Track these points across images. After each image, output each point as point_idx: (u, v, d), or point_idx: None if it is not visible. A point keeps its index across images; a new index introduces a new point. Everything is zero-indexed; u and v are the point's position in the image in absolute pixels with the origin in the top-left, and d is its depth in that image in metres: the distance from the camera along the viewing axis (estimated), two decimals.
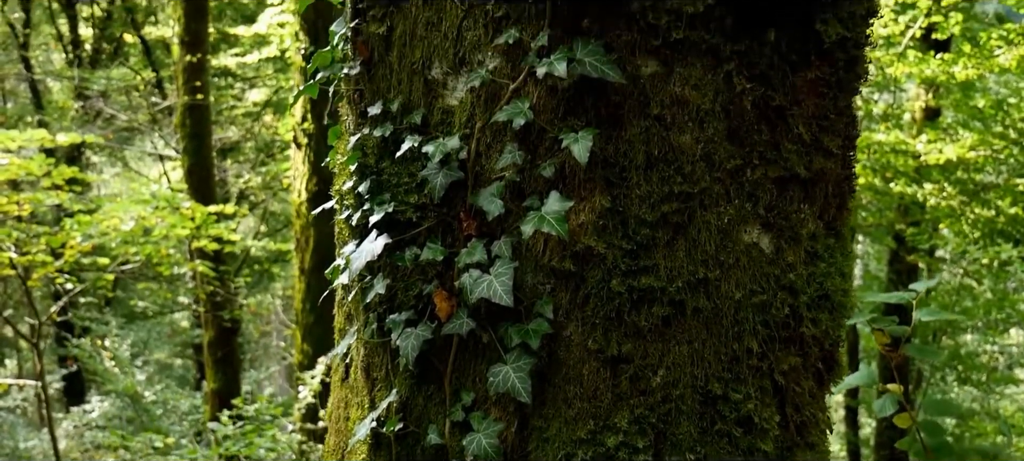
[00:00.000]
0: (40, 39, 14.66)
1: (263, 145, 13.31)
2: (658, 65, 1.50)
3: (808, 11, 1.54)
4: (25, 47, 13.45)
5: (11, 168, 8.47)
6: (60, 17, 14.04)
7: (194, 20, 9.88)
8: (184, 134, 10.14)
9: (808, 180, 1.61)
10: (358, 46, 1.68)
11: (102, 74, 12.56)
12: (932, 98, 8.97)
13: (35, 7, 14.19)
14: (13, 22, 13.72)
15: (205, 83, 10.11)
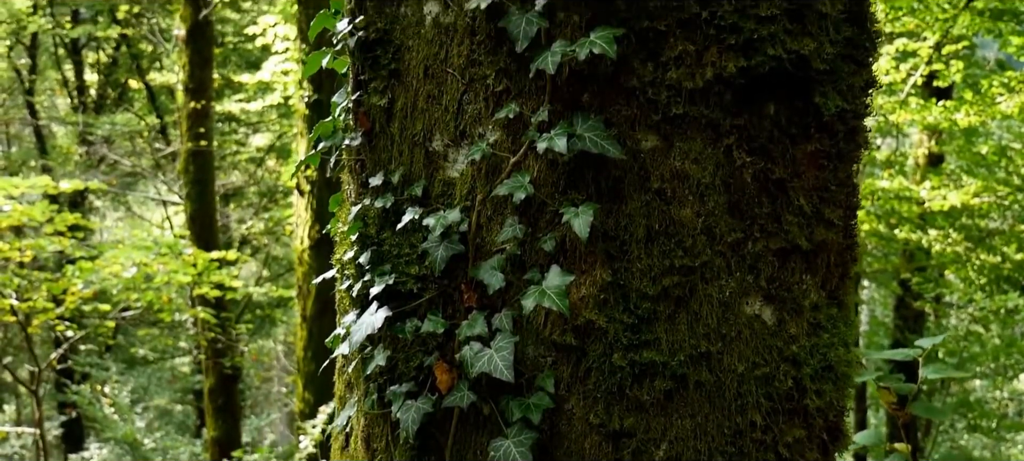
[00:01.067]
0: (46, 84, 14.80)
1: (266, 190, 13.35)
2: (658, 139, 1.50)
3: (807, 84, 1.54)
4: (31, 92, 13.57)
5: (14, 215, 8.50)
6: (66, 63, 14.19)
7: (199, 67, 9.97)
8: (187, 180, 10.18)
9: (810, 251, 1.60)
10: (360, 117, 1.68)
11: (106, 119, 12.65)
12: (935, 145, 9.00)
13: (41, 53, 14.34)
14: (19, 68, 13.86)
15: (209, 129, 10.17)
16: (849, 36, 1.58)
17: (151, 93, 13.04)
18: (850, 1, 1.60)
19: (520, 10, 1.49)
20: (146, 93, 13.14)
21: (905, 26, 7.15)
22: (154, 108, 13.03)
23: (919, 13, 6.45)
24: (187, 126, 9.99)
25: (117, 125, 12.38)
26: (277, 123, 13.15)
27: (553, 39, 1.49)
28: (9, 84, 14.11)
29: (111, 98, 13.50)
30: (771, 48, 1.48)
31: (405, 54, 1.63)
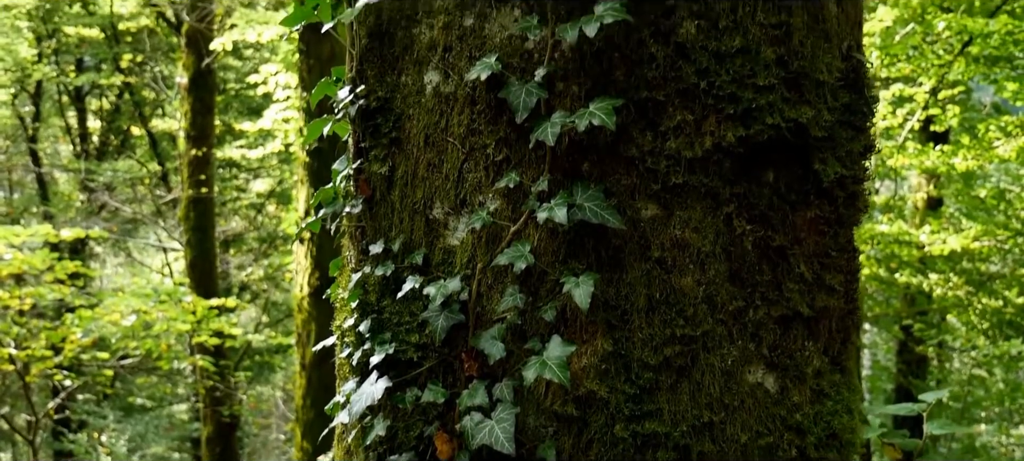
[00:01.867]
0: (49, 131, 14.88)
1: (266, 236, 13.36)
2: (658, 208, 1.50)
3: (806, 151, 1.55)
4: (34, 140, 13.64)
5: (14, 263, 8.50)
6: (69, 110, 14.28)
7: (201, 115, 10.05)
8: (188, 227, 10.20)
9: (812, 318, 1.59)
10: (361, 184, 1.68)
11: (108, 166, 12.70)
12: (933, 188, 9.02)
13: (45, 100, 14.44)
14: (23, 115, 13.95)
15: (210, 176, 10.21)
16: (847, 102, 1.59)
17: (153, 140, 13.11)
18: (847, 68, 1.61)
19: (520, 81, 1.50)
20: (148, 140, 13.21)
21: (901, 71, 7.20)
22: (156, 155, 13.09)
23: (914, 59, 6.51)
24: (188, 173, 10.03)
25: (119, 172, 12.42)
26: (278, 168, 13.20)
27: (553, 109, 1.50)
28: (12, 131, 14.18)
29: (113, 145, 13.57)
30: (769, 117, 1.49)
31: (406, 122, 1.63)
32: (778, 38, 1.51)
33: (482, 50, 1.54)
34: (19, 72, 12.93)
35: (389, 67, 1.65)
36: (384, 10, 1.65)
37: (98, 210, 12.62)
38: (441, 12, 1.58)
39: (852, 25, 1.66)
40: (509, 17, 1.53)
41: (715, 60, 1.47)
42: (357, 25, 1.68)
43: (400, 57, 1.63)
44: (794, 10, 1.52)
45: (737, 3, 1.49)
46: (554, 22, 1.49)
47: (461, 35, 1.56)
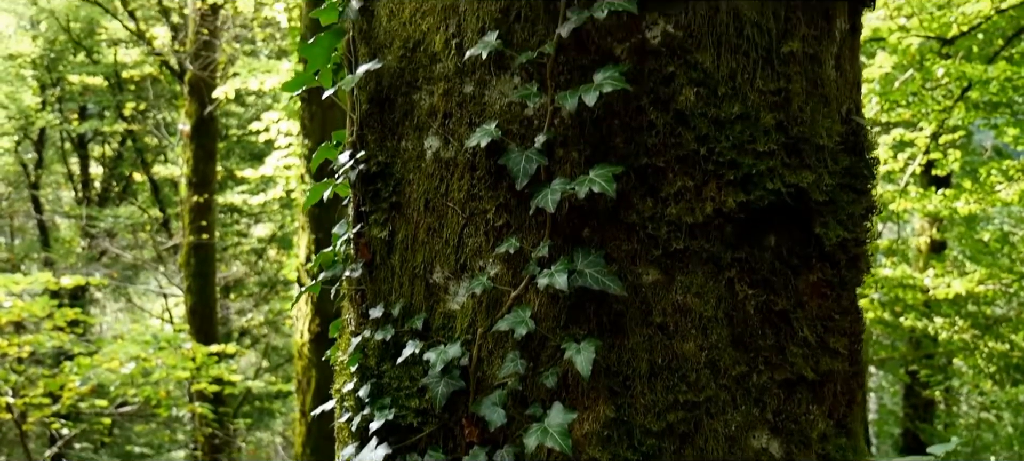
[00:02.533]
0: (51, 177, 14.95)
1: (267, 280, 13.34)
2: (659, 273, 1.50)
3: (807, 216, 1.54)
4: (36, 186, 13.70)
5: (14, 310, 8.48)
6: (72, 156, 14.36)
7: (203, 161, 10.10)
8: (188, 273, 10.19)
9: (816, 381, 1.58)
10: (361, 248, 1.68)
11: (110, 212, 12.73)
12: (936, 232, 9.02)
13: (48, 147, 14.53)
14: (26, 162, 14.02)
15: (211, 222, 10.23)
16: (847, 166, 1.59)
17: (155, 186, 13.16)
18: (847, 131, 1.61)
19: (519, 148, 1.50)
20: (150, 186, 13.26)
21: (901, 116, 7.24)
22: (157, 201, 13.13)
23: (914, 105, 6.55)
24: (189, 219, 10.05)
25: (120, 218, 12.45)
26: (279, 213, 13.23)
27: (553, 175, 1.50)
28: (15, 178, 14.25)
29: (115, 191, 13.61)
30: (770, 182, 1.49)
31: (406, 187, 1.63)
32: (777, 104, 1.51)
33: (482, 116, 1.54)
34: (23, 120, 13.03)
35: (389, 132, 1.65)
36: (385, 76, 1.65)
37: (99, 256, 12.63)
38: (441, 79, 1.59)
39: (851, 88, 1.67)
40: (508, 84, 1.53)
41: (715, 127, 1.48)
42: (358, 91, 1.69)
43: (400, 123, 1.64)
44: (793, 76, 1.53)
45: (736, 70, 1.49)
46: (553, 90, 1.49)
47: (461, 102, 1.57)
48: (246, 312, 13.07)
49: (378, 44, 1.67)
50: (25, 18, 14.09)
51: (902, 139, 7.22)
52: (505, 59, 1.53)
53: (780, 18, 1.53)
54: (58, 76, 13.23)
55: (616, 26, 1.49)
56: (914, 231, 9.61)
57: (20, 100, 13.03)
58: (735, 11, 1.50)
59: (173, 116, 12.88)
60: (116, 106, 12.70)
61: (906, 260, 8.89)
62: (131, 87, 12.85)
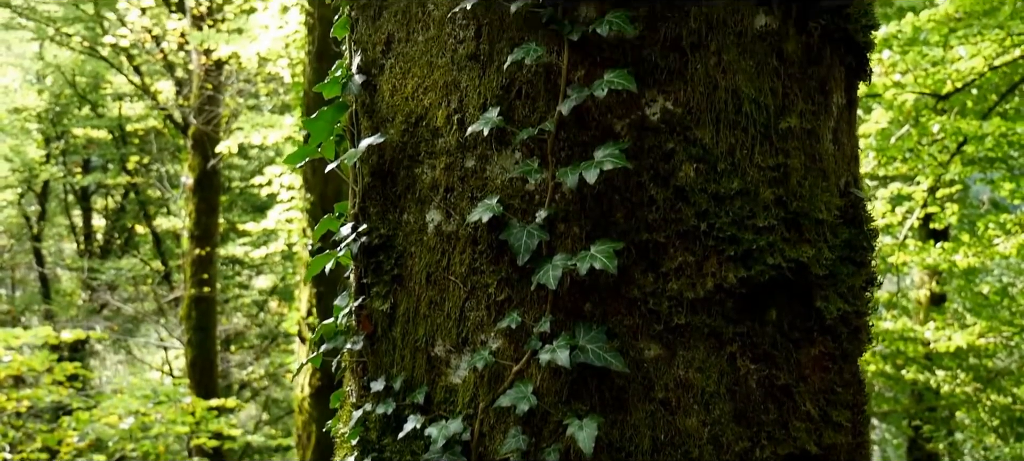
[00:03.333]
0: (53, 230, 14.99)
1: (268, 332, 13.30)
2: (661, 349, 1.50)
3: (808, 289, 1.55)
4: (38, 239, 13.73)
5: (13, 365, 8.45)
6: (74, 209, 14.42)
7: (205, 215, 10.13)
8: (189, 326, 10.17)
9: (819, 455, 1.57)
10: (362, 320, 1.68)
11: (112, 265, 12.74)
12: (936, 285, 9.01)
13: (51, 199, 14.60)
14: (29, 215, 14.08)
15: (213, 275, 10.24)
16: (847, 238, 1.60)
17: (157, 239, 13.19)
18: (846, 204, 1.62)
19: (521, 223, 1.51)
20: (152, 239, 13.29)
21: (898, 170, 7.29)
22: (159, 253, 13.15)
23: (911, 161, 6.59)
24: (191, 272, 10.06)
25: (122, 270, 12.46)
26: (281, 265, 13.23)
27: (554, 250, 1.51)
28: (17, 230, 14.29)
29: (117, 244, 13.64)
30: (770, 257, 1.50)
31: (408, 260, 1.64)
32: (776, 179, 1.53)
33: (483, 191, 1.56)
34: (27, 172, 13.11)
35: (391, 205, 1.67)
36: (387, 150, 1.67)
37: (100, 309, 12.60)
38: (443, 153, 1.61)
39: (848, 160, 1.69)
40: (510, 160, 1.55)
41: (715, 202, 1.49)
42: (360, 164, 1.71)
43: (402, 196, 1.65)
44: (791, 152, 1.55)
45: (735, 146, 1.51)
46: (554, 166, 1.51)
47: (463, 176, 1.59)
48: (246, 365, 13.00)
49: (381, 118, 1.70)
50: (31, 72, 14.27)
51: (900, 193, 7.25)
52: (506, 135, 1.55)
53: (778, 94, 1.56)
54: (63, 129, 13.34)
55: (616, 103, 1.51)
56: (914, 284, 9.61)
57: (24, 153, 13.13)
58: (733, 88, 1.53)
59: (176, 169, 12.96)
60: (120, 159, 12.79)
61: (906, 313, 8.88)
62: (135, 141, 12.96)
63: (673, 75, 1.52)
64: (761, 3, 1.55)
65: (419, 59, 1.64)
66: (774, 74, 1.56)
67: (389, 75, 1.69)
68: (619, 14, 1.48)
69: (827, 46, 1.62)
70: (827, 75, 1.62)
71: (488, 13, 1.57)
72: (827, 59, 1.62)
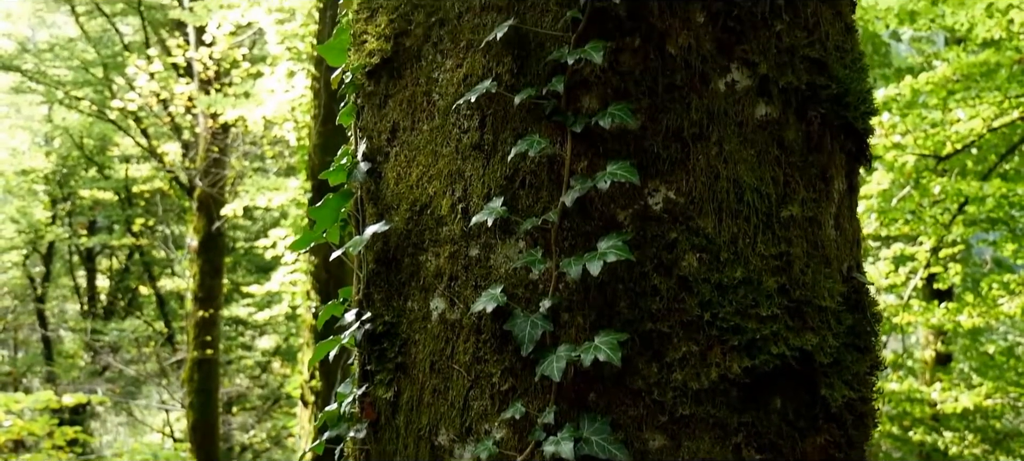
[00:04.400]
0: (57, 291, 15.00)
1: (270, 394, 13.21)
2: (666, 439, 1.49)
3: (812, 377, 1.54)
4: (41, 300, 13.74)
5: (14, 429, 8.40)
6: (79, 269, 14.45)
7: (209, 276, 10.15)
8: (191, 389, 10.11)
9: None
10: (366, 408, 1.68)
11: (115, 326, 12.72)
12: (941, 345, 8.95)
13: (56, 260, 14.63)
14: (33, 276, 14.10)
15: (216, 337, 10.21)
16: (851, 325, 1.60)
17: (161, 300, 13.19)
18: (849, 290, 1.63)
19: (525, 313, 1.51)
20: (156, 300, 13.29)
21: (900, 230, 7.30)
22: (163, 314, 13.14)
23: (913, 223, 6.61)
24: (194, 334, 10.04)
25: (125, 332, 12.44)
26: (284, 325, 13.20)
27: (558, 341, 1.51)
28: (21, 291, 14.30)
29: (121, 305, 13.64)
30: (774, 346, 1.50)
31: (412, 348, 1.64)
32: (779, 268, 1.53)
33: (487, 280, 1.57)
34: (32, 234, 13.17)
35: (396, 292, 1.68)
36: (392, 237, 1.69)
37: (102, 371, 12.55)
38: (447, 241, 1.62)
39: (850, 245, 1.70)
40: (513, 249, 1.56)
41: (718, 292, 1.49)
42: (364, 250, 1.72)
43: (406, 283, 1.66)
44: (793, 240, 1.56)
45: (737, 235, 1.52)
46: (558, 255, 1.52)
47: (467, 264, 1.60)
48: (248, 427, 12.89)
49: (385, 205, 1.71)
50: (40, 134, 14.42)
51: (903, 253, 7.26)
52: (510, 224, 1.56)
53: (779, 183, 1.57)
54: (69, 191, 13.44)
55: (619, 193, 1.53)
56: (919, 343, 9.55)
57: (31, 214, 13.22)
58: (735, 177, 1.54)
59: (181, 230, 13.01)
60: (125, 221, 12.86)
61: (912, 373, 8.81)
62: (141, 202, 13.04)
63: (675, 165, 1.54)
64: (761, 93, 1.58)
65: (424, 148, 1.67)
66: (775, 163, 1.58)
67: (394, 163, 1.71)
68: (621, 107, 1.51)
69: (827, 133, 1.64)
70: (828, 162, 1.64)
71: (492, 104, 1.60)
72: (828, 146, 1.64)
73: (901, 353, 8.88)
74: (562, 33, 1.55)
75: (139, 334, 12.90)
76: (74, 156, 13.33)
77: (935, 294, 8.45)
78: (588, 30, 1.54)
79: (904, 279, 7.44)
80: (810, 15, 1.62)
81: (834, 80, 1.63)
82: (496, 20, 1.60)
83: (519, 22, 1.57)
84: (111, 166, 13.12)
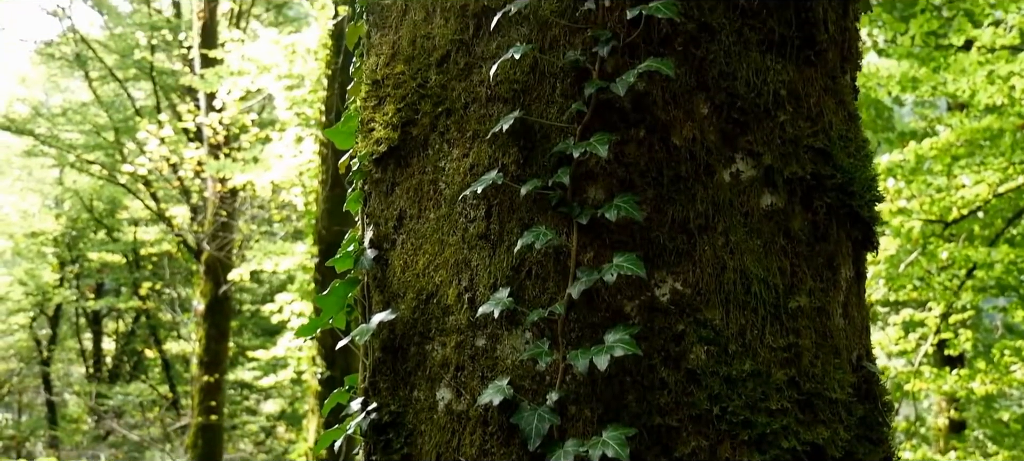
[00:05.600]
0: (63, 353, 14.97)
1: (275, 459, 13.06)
2: None
3: None
4: (47, 363, 13.70)
5: None
6: (85, 332, 14.43)
7: (215, 341, 10.12)
8: (195, 455, 10.00)
9: None
10: None
11: (120, 390, 12.65)
12: (954, 412, 8.83)
13: (63, 322, 14.63)
14: (40, 338, 14.09)
15: (220, 402, 10.14)
16: (862, 416, 1.58)
17: (166, 364, 13.15)
18: (859, 380, 1.61)
19: (532, 406, 1.50)
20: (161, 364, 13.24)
21: (909, 296, 7.25)
22: (168, 378, 13.08)
23: (921, 289, 6.57)
24: (199, 399, 9.97)
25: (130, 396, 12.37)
26: (289, 390, 13.11)
27: (565, 435, 1.49)
28: (27, 354, 14.28)
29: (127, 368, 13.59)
30: (785, 441, 1.48)
31: (417, 438, 1.62)
32: (788, 360, 1.52)
33: (494, 371, 1.55)
34: (40, 296, 13.19)
35: (401, 382, 1.66)
36: (398, 325, 1.68)
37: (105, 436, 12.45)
38: (454, 331, 1.61)
39: (859, 333, 1.68)
40: (520, 340, 1.55)
41: (727, 385, 1.48)
42: (371, 338, 1.71)
43: (413, 372, 1.65)
44: (802, 331, 1.54)
45: (745, 327, 1.51)
46: (565, 347, 1.51)
47: (473, 355, 1.59)
48: None
49: (392, 293, 1.71)
50: (50, 197, 14.54)
51: (912, 319, 7.20)
52: (517, 315, 1.56)
53: (786, 273, 1.57)
54: (78, 253, 13.50)
55: (625, 284, 1.52)
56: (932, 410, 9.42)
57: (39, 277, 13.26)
58: (742, 268, 1.54)
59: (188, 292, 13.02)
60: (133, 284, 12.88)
61: (925, 441, 8.67)
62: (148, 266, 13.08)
63: (681, 256, 1.53)
64: (766, 183, 1.58)
65: (430, 236, 1.67)
66: (782, 253, 1.57)
67: (401, 250, 1.71)
68: (627, 199, 1.51)
69: (834, 222, 1.64)
70: (835, 251, 1.64)
71: (498, 194, 1.60)
72: (834, 235, 1.64)
73: (914, 420, 8.76)
74: (567, 124, 1.56)
75: (144, 398, 12.83)
76: (83, 219, 13.42)
77: (946, 360, 8.36)
78: (593, 122, 1.55)
79: (914, 345, 7.36)
80: (813, 105, 1.64)
81: (839, 169, 1.63)
82: (502, 111, 1.61)
83: (525, 113, 1.59)
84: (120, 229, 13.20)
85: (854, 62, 1.76)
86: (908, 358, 7.53)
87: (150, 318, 13.27)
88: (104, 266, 13.39)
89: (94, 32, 13.76)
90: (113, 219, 13.19)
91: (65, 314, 14.19)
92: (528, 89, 1.60)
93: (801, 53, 1.63)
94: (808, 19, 1.63)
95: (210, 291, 9.91)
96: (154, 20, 12.27)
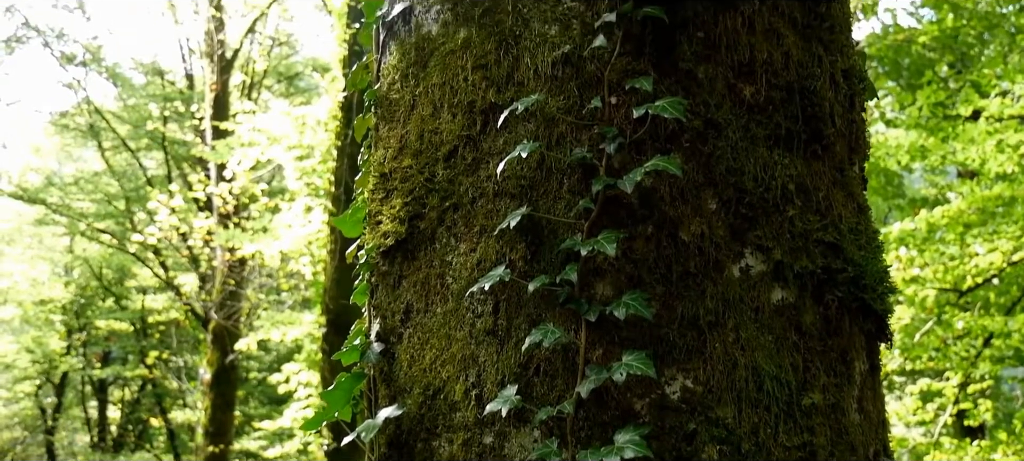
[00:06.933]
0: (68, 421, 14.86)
1: None
2: None
3: None
4: (51, 431, 13.59)
5: None
6: (91, 400, 14.34)
7: (221, 411, 10.04)
8: None
9: None
10: None
11: (124, 459, 12.52)
12: None
13: (69, 390, 14.56)
14: (45, 407, 14.01)
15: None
16: None
17: (171, 433, 13.03)
18: None
19: None
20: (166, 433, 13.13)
21: (926, 365, 7.15)
22: (173, 448, 12.95)
23: (938, 360, 6.48)
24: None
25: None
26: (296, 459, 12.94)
27: None
28: (32, 422, 14.18)
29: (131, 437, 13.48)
30: None
31: None
32: (803, 459, 1.48)
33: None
34: (46, 364, 13.16)
35: None
36: (404, 421, 1.65)
37: None
38: (461, 428, 1.58)
39: (875, 428, 1.65)
40: (529, 438, 1.52)
41: None
42: (377, 434, 1.68)
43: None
44: (816, 429, 1.51)
45: (758, 425, 1.48)
46: (574, 446, 1.48)
47: (481, 453, 1.55)
48: None
49: (398, 388, 1.69)
50: (60, 265, 14.61)
51: (929, 389, 7.09)
52: (525, 413, 1.53)
53: (799, 369, 1.54)
54: (85, 321, 13.49)
55: (635, 382, 1.50)
56: None
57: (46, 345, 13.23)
58: (753, 365, 1.51)
59: (194, 360, 12.97)
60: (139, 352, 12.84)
61: None
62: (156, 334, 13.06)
63: (692, 353, 1.51)
64: (777, 278, 1.56)
65: (437, 331, 1.65)
66: (794, 348, 1.55)
67: (408, 345, 1.69)
68: (635, 296, 1.49)
69: (846, 316, 1.62)
70: (848, 345, 1.61)
71: (506, 290, 1.59)
72: (847, 329, 1.62)
73: None
74: (575, 220, 1.56)
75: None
76: (92, 286, 13.45)
77: (966, 431, 8.21)
78: (601, 218, 1.54)
79: (933, 415, 7.24)
80: (822, 199, 1.63)
81: (850, 263, 1.61)
82: (509, 206, 1.61)
83: (532, 209, 1.58)
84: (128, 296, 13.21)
85: (862, 153, 1.76)
86: (927, 428, 7.39)
87: (156, 386, 13.20)
88: (111, 334, 13.37)
89: (108, 103, 13.98)
90: (122, 287, 13.22)
91: (71, 382, 14.13)
92: (535, 185, 1.59)
93: (808, 147, 1.63)
94: (815, 113, 1.63)
95: (217, 360, 9.86)
96: (167, 92, 12.47)
